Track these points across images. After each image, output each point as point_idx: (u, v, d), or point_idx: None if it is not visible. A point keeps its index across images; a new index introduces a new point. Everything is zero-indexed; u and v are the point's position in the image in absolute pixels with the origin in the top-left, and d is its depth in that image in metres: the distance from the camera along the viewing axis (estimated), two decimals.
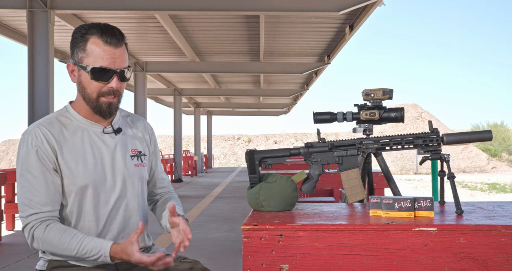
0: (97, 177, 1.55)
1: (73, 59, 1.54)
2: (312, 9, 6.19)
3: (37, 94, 5.71)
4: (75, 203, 1.53)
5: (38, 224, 1.48)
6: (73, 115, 1.59)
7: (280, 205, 1.72)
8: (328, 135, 39.75)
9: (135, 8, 6.18)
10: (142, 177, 1.66)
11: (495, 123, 36.66)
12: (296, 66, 10.70)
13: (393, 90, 1.90)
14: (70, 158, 1.53)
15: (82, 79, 1.53)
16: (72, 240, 1.45)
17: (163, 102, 19.48)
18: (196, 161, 18.91)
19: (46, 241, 1.47)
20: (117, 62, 1.52)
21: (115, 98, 1.56)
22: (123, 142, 1.64)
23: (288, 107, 21.61)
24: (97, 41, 1.50)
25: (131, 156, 1.64)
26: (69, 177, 1.52)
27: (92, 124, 1.59)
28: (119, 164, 1.60)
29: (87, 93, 1.53)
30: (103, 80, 1.51)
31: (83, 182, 1.53)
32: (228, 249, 4.74)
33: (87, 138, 1.57)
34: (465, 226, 1.43)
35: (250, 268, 1.45)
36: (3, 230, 5.77)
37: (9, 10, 6.40)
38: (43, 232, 1.47)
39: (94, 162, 1.55)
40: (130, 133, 1.68)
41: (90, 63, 1.50)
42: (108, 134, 1.61)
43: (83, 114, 1.59)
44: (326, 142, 1.84)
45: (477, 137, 1.79)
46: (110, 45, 1.50)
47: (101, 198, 1.56)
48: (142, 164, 1.66)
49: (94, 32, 1.50)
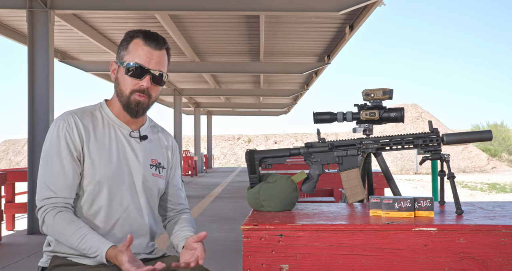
0: (117, 174, 1.58)
1: (117, 58, 1.64)
2: (312, 9, 6.19)
3: (37, 94, 5.71)
4: (90, 196, 1.56)
5: (51, 209, 1.51)
6: (105, 112, 1.65)
7: (280, 205, 1.72)
8: (328, 135, 39.74)
9: (135, 8, 6.18)
10: (158, 187, 1.68)
11: (495, 123, 36.66)
12: (296, 66, 10.70)
13: (393, 90, 1.90)
14: (95, 150, 1.57)
15: (119, 75, 1.61)
16: (76, 232, 1.47)
17: (163, 102, 19.47)
18: (196, 161, 18.91)
19: (53, 228, 1.49)
20: (153, 63, 1.59)
21: (146, 99, 1.61)
22: (147, 149, 1.67)
23: (288, 107, 21.61)
24: (139, 41, 1.60)
25: (151, 165, 1.67)
26: (90, 168, 1.55)
27: (121, 124, 1.65)
28: (140, 169, 1.63)
29: (121, 88, 1.60)
30: (136, 77, 1.58)
31: (103, 175, 1.55)
32: (228, 249, 4.74)
33: (114, 136, 1.62)
34: (465, 226, 1.43)
35: (250, 268, 1.45)
36: (3, 230, 5.77)
37: (9, 10, 6.40)
38: (53, 218, 1.50)
39: (118, 161, 1.59)
40: (155, 144, 1.72)
41: (129, 60, 1.59)
42: (133, 139, 1.65)
43: (115, 112, 1.65)
44: (326, 142, 1.84)
45: (477, 137, 1.79)
46: (149, 46, 1.59)
47: (116, 197, 1.58)
48: (159, 175, 1.69)
49: (139, 35, 1.61)
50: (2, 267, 4.15)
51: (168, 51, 1.67)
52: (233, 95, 17.05)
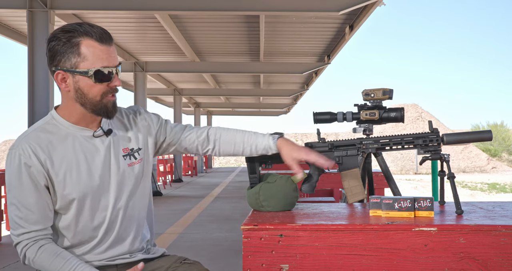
0: (92, 185, 1.50)
1: (62, 67, 1.44)
2: (312, 9, 6.19)
3: (37, 94, 5.71)
4: (73, 213, 1.50)
5: (31, 243, 1.45)
6: (60, 122, 1.51)
7: (280, 205, 1.72)
8: (328, 135, 39.73)
9: (135, 8, 6.18)
10: (137, 175, 1.59)
11: (495, 123, 36.66)
12: (296, 66, 10.70)
13: (393, 90, 1.90)
14: (63, 168, 1.47)
15: (80, 85, 1.45)
16: (64, 265, 1.43)
17: (163, 102, 19.47)
18: (196, 161, 18.91)
19: (37, 263, 1.45)
20: (113, 59, 1.48)
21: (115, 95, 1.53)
22: (115, 142, 1.57)
23: (288, 107, 21.61)
24: (91, 43, 1.44)
25: (123, 155, 1.58)
26: (63, 189, 1.47)
27: (81, 129, 1.52)
28: (113, 167, 1.54)
29: (89, 98, 1.46)
30: (106, 80, 1.46)
31: (79, 191, 1.48)
32: (228, 249, 4.74)
33: (78, 145, 1.51)
34: (465, 226, 1.43)
35: (250, 268, 1.45)
36: (3, 230, 5.77)
37: (9, 10, 6.41)
38: (36, 253, 1.44)
39: (88, 169, 1.50)
40: (119, 131, 1.61)
41: (90, 66, 1.43)
42: (98, 138, 1.55)
43: (73, 120, 1.51)
44: (326, 142, 1.84)
45: (477, 137, 1.79)
46: (105, 44, 1.46)
47: (99, 205, 1.52)
48: (136, 161, 1.59)
49: (83, 35, 1.43)
50: (2, 267, 4.15)
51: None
52: (233, 95, 17.06)
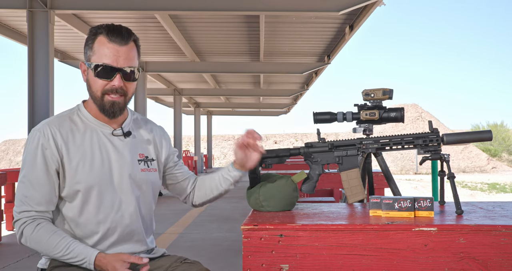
0: (102, 178, 1.53)
1: (85, 58, 1.56)
2: (312, 9, 6.19)
3: (37, 94, 5.71)
4: (79, 204, 1.52)
5: (30, 221, 1.49)
6: (84, 115, 1.59)
7: (280, 205, 1.72)
8: (328, 135, 39.73)
9: (135, 8, 6.18)
10: (150, 182, 1.63)
11: (495, 123, 36.66)
12: (296, 66, 10.70)
13: (393, 90, 1.90)
14: (77, 158, 1.52)
15: (89, 77, 1.54)
16: (60, 241, 1.46)
17: (163, 102, 19.47)
18: (196, 161, 18.90)
19: (34, 239, 1.48)
20: (121, 60, 1.51)
21: (121, 98, 1.54)
22: (132, 145, 1.62)
23: (288, 107, 21.61)
24: (103, 39, 1.51)
25: (139, 160, 1.62)
26: (73, 177, 1.51)
27: (102, 125, 1.59)
28: (127, 167, 1.57)
29: (93, 91, 1.54)
30: (106, 77, 1.51)
31: (88, 182, 1.51)
32: (228, 249, 4.74)
33: (96, 139, 1.56)
34: (465, 226, 1.43)
35: (250, 268, 1.45)
36: (3, 230, 5.77)
37: (9, 10, 6.41)
38: (33, 230, 1.47)
39: (101, 163, 1.54)
40: (140, 138, 1.66)
41: (95, 60, 1.51)
42: (117, 137, 1.60)
43: (94, 114, 1.59)
44: (326, 142, 1.84)
45: (477, 137, 1.79)
46: (114, 43, 1.50)
47: (106, 201, 1.54)
48: (149, 169, 1.64)
49: (102, 31, 1.51)
50: (2, 267, 4.15)
51: (137, 42, 1.57)
52: (233, 95, 17.05)
